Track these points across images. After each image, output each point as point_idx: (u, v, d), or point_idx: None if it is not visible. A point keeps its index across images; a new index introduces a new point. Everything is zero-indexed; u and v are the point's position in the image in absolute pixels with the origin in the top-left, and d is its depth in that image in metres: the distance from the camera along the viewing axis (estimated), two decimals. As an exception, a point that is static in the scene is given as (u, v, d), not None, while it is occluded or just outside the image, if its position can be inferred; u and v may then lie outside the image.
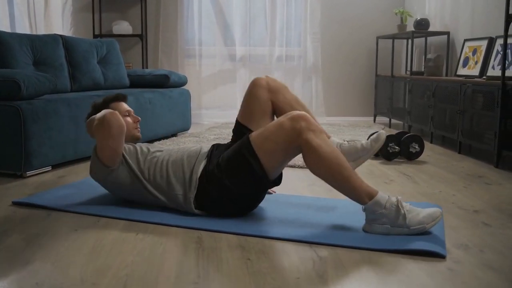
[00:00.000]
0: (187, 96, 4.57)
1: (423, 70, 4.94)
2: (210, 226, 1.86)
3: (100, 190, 2.39)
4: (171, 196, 2.02)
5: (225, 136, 4.27)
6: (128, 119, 2.25)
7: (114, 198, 2.24)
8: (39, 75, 2.85)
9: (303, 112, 1.86)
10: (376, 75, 5.61)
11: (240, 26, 5.72)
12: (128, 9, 5.70)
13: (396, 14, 5.22)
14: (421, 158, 3.40)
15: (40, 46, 3.49)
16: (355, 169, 1.98)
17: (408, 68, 5.38)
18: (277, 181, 2.04)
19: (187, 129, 4.61)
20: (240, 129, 2.12)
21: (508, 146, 3.04)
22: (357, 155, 2.04)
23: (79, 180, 2.62)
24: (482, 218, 2.05)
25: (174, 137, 4.28)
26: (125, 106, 2.29)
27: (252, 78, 5.80)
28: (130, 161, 2.08)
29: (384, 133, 2.06)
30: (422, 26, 4.69)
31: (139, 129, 2.27)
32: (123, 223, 1.94)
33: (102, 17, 5.59)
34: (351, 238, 1.75)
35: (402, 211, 1.76)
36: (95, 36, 5.46)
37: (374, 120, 5.72)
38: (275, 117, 2.15)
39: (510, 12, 2.96)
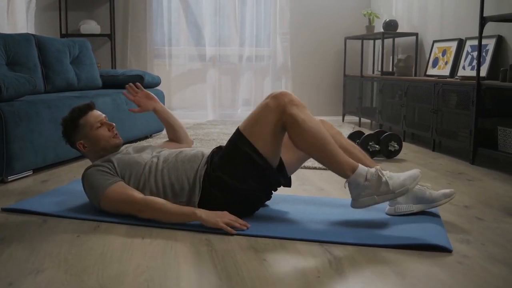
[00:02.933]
0: (161, 96, 4.50)
1: (391, 70, 5.08)
2: (217, 228, 1.85)
3: (92, 194, 2.32)
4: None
5: (201, 137, 4.24)
6: (102, 130, 2.10)
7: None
8: (18, 76, 2.75)
9: (284, 90, 1.91)
10: (345, 75, 5.71)
11: (209, 26, 5.70)
12: (95, 8, 5.56)
13: (364, 15, 5.33)
14: (398, 156, 3.49)
15: (14, 46, 3.36)
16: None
17: (378, 69, 5.51)
18: (285, 183, 2.03)
19: (161, 130, 4.55)
20: None
21: (482, 143, 3.17)
22: (420, 200, 2.00)
23: (67, 184, 2.54)
24: (474, 213, 2.14)
25: (150, 138, 4.22)
26: (95, 115, 2.11)
27: (222, 78, 5.89)
28: (127, 182, 1.99)
29: (455, 193, 2.05)
30: (391, 27, 4.82)
31: (117, 135, 2.14)
32: (125, 228, 1.89)
33: (68, 16, 5.42)
34: (359, 235, 1.78)
35: (383, 179, 1.83)
36: (62, 36, 5.30)
37: (343, 119, 5.82)
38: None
39: (484, 15, 3.08)
